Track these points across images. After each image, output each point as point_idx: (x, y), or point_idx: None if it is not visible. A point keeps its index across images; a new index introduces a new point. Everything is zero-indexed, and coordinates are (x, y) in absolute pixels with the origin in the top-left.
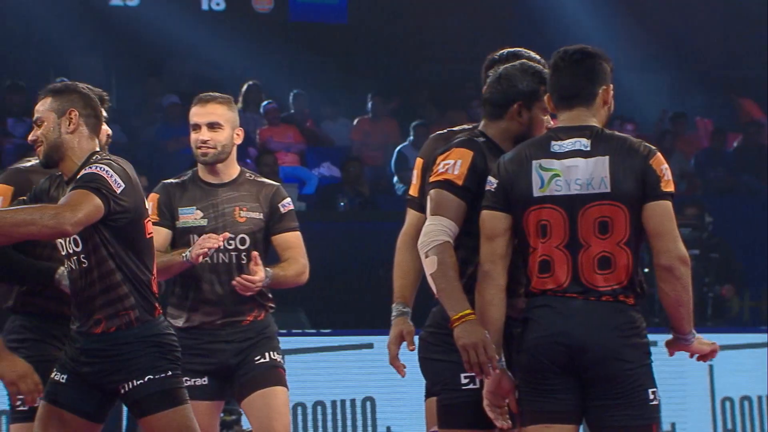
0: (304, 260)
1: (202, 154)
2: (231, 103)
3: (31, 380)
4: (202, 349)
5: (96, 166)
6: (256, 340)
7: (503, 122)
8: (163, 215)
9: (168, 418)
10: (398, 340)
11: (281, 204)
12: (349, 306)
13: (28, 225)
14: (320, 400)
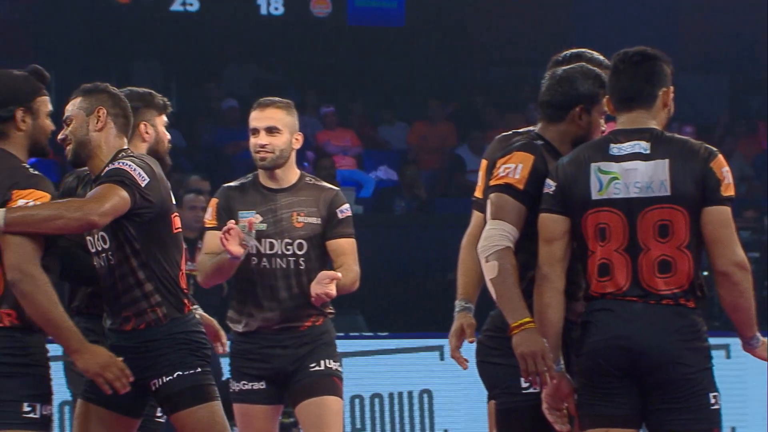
0: (357, 267)
1: (261, 159)
2: (290, 107)
3: (115, 368)
4: (259, 354)
5: (120, 161)
6: (313, 347)
7: (563, 125)
8: (221, 219)
9: (198, 414)
10: (459, 333)
11: (339, 209)
12: (406, 308)
13: (55, 219)
14: (377, 393)
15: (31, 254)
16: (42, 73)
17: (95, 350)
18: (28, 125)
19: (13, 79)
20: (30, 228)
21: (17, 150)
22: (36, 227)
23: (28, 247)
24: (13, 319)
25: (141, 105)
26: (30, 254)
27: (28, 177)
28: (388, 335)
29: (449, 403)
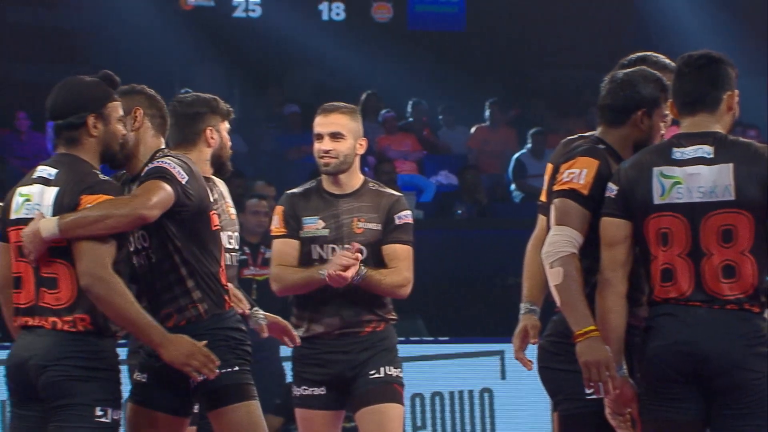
0: (408, 274)
1: (324, 164)
2: (354, 113)
3: (200, 354)
4: (319, 359)
5: (159, 160)
6: (374, 353)
7: (624, 129)
8: (290, 226)
9: (235, 412)
10: (523, 334)
11: (398, 215)
12: (466, 313)
13: (106, 218)
14: (438, 391)
15: (102, 258)
16: (113, 78)
17: (178, 341)
18: (99, 131)
19: (84, 86)
20: (83, 231)
21: (89, 156)
22: (89, 229)
23: (98, 251)
24: (87, 324)
25: (207, 110)
26: (101, 258)
27: (97, 182)
28: (449, 340)
29: (510, 407)
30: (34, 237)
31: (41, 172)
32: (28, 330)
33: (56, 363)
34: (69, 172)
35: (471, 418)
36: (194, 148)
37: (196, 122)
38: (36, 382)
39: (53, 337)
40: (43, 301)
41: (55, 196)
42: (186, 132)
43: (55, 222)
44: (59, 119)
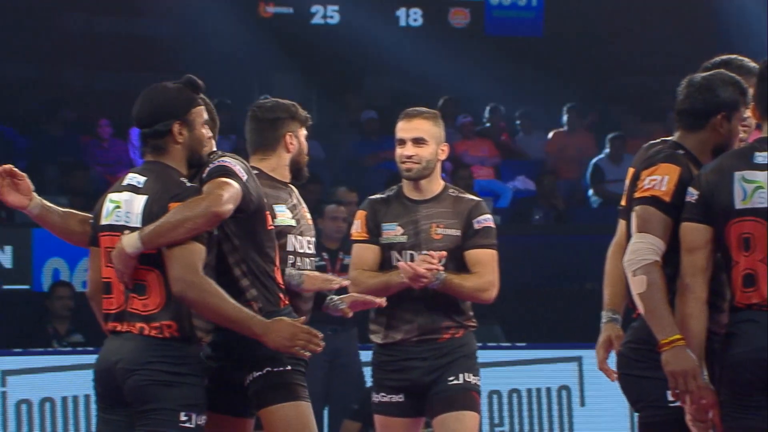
0: (491, 277)
1: (407, 170)
2: (437, 118)
3: (302, 333)
4: (397, 366)
5: (219, 159)
6: (452, 359)
7: (703, 133)
8: (372, 232)
9: (284, 411)
10: (606, 345)
11: (477, 220)
12: (543, 319)
13: (184, 223)
14: (515, 388)
15: (192, 263)
16: (196, 83)
17: (277, 327)
18: (185, 137)
19: (168, 93)
20: (165, 239)
21: (176, 163)
22: (169, 237)
23: (186, 256)
24: (173, 331)
25: (287, 116)
26: (190, 263)
27: (184, 190)
28: (526, 346)
29: (588, 414)
30: (120, 255)
31: (131, 179)
32: (116, 335)
33: (142, 367)
34: (156, 180)
35: (549, 416)
36: (273, 153)
37: (276, 128)
38: (122, 386)
39: (140, 342)
40: (131, 307)
41: (144, 205)
42: (265, 137)
43: (136, 236)
44: (145, 128)
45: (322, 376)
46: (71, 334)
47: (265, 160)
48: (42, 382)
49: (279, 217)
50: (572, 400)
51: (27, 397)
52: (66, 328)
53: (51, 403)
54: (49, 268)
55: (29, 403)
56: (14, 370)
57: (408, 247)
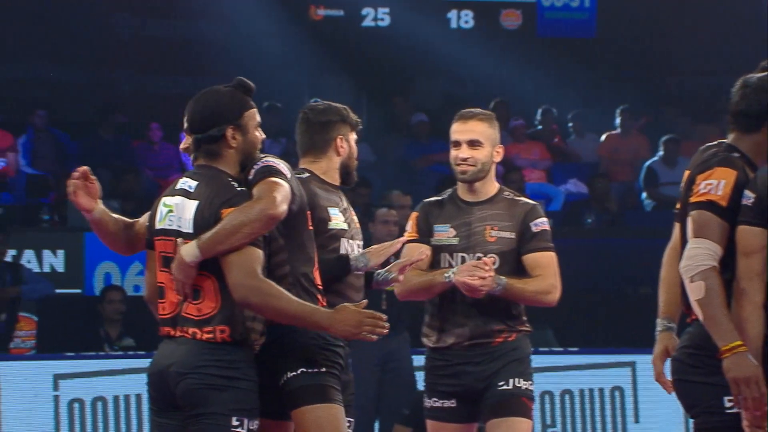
0: (553, 280)
1: (461, 172)
2: (492, 120)
3: (367, 319)
4: (450, 370)
5: (263, 160)
6: (504, 364)
7: (759, 135)
8: (422, 232)
9: (316, 413)
10: (663, 356)
11: (534, 223)
12: (596, 323)
13: (241, 228)
14: (568, 389)
15: (250, 267)
16: (247, 86)
17: (342, 316)
18: (238, 141)
19: (220, 98)
20: (223, 246)
21: (229, 167)
22: (227, 243)
23: (246, 263)
24: (226, 336)
25: (338, 119)
26: (250, 269)
27: (235, 195)
28: (579, 350)
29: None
30: (179, 266)
31: (183, 183)
32: (170, 339)
33: (194, 371)
34: (207, 185)
35: (602, 417)
36: (323, 156)
37: (327, 130)
38: (175, 389)
39: (192, 346)
40: (185, 312)
41: (195, 210)
42: (316, 139)
43: (194, 245)
44: (198, 133)
45: (373, 380)
46: (123, 338)
47: (315, 163)
48: (94, 386)
49: (333, 221)
50: (626, 404)
51: (79, 396)
52: (117, 332)
53: (103, 402)
54: (100, 272)
55: (81, 402)
56: (66, 374)
57: (459, 249)
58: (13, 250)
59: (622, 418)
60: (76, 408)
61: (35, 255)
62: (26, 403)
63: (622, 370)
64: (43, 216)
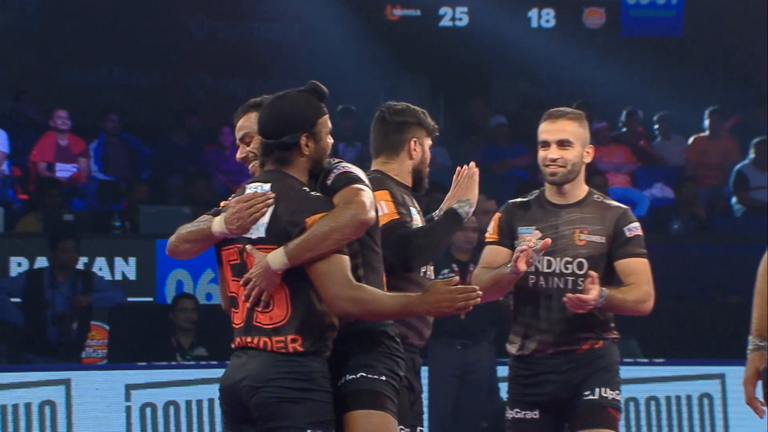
0: (648, 288)
1: (551, 174)
2: (582, 119)
3: (458, 294)
4: (533, 380)
5: (341, 166)
6: (590, 372)
7: None
8: (503, 234)
9: (368, 418)
10: (754, 379)
11: (627, 228)
12: (683, 333)
13: (331, 234)
14: (653, 396)
15: (345, 278)
16: (321, 90)
17: (434, 298)
18: (311, 149)
19: (295, 103)
20: (312, 253)
21: (299, 173)
22: (317, 250)
23: (339, 273)
24: (298, 346)
25: (414, 122)
26: (344, 279)
27: (315, 201)
28: (664, 362)
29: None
30: (265, 272)
31: (254, 187)
32: (242, 351)
33: (267, 384)
34: (281, 192)
35: (690, 425)
36: (396, 158)
37: (402, 131)
38: (248, 404)
39: (264, 358)
40: (256, 321)
41: (270, 215)
42: (390, 140)
43: (281, 252)
44: (270, 139)
45: (450, 392)
46: (195, 348)
47: (388, 164)
48: (166, 397)
49: (413, 221)
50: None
51: (152, 400)
52: (190, 341)
53: (175, 407)
54: (172, 280)
55: (153, 407)
56: (138, 384)
57: (546, 252)
58: (84, 257)
59: (711, 427)
60: (148, 413)
61: (107, 262)
62: (98, 413)
63: (710, 382)
64: (115, 223)
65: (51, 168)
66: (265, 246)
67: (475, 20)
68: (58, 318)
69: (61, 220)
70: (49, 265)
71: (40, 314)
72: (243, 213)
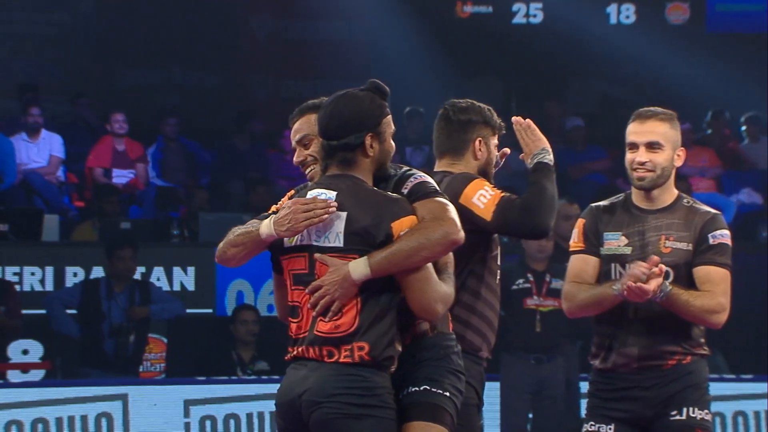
0: (723, 299)
1: (638, 178)
2: (673, 120)
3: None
4: (616, 394)
5: (416, 175)
6: (677, 390)
7: None
8: (590, 242)
9: (427, 431)
10: None
11: (712, 234)
12: None
13: (420, 251)
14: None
15: (436, 282)
16: (383, 90)
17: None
18: (375, 150)
19: (360, 103)
20: (397, 268)
21: (365, 176)
22: (402, 266)
23: (431, 278)
24: (364, 354)
25: (479, 120)
26: (435, 284)
27: (396, 203)
28: (753, 378)
29: None
30: (344, 282)
31: (318, 194)
32: (301, 362)
33: (329, 399)
34: (353, 195)
35: None
36: (462, 159)
37: (467, 131)
38: (307, 420)
39: (327, 371)
40: (318, 330)
41: (345, 223)
42: (454, 139)
43: (364, 263)
44: (334, 140)
45: (524, 409)
46: (256, 362)
47: (454, 165)
48: (226, 413)
49: None
50: None
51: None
52: (251, 354)
53: (235, 420)
54: (233, 291)
55: (213, 419)
56: (197, 399)
57: (632, 259)
58: (141, 267)
59: None
60: (208, 426)
61: (164, 272)
62: (156, 429)
63: None
64: (173, 231)
65: (107, 174)
66: (342, 255)
67: (551, 16)
68: (115, 330)
69: (117, 228)
70: (105, 275)
71: (96, 326)
72: (298, 215)
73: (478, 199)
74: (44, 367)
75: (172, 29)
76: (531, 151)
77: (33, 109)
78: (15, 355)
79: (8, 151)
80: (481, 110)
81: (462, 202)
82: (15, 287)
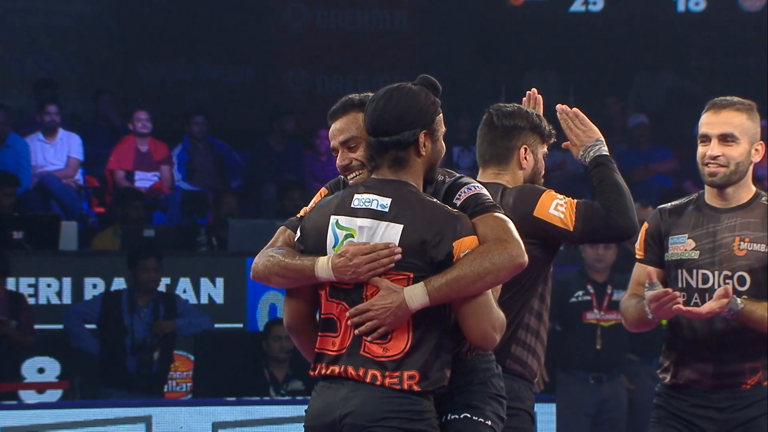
0: None
1: (710, 174)
2: (752, 110)
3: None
4: (684, 413)
5: (471, 185)
6: (756, 415)
7: None
8: (650, 249)
9: None
10: None
11: None
12: None
13: (485, 276)
14: None
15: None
16: (435, 85)
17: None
18: (428, 150)
19: (415, 96)
20: (458, 295)
21: (415, 179)
22: (464, 293)
23: (491, 304)
24: (414, 384)
25: (526, 126)
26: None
27: (457, 220)
28: None
29: None
30: (399, 310)
31: (368, 202)
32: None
33: (376, 424)
34: (410, 207)
35: None
36: (507, 168)
37: (512, 137)
38: None
39: (372, 392)
40: (366, 351)
41: (401, 236)
42: (498, 146)
43: (422, 290)
44: (385, 136)
45: (584, 431)
46: (290, 381)
47: (500, 176)
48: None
49: None
50: None
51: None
52: (284, 373)
53: None
54: (265, 304)
55: None
56: (227, 422)
57: (701, 265)
58: (166, 278)
59: None
60: None
61: (191, 284)
62: None
63: None
64: (200, 239)
65: (130, 177)
66: (395, 273)
67: (612, 4)
68: (138, 347)
69: (140, 236)
70: (127, 287)
71: (117, 343)
72: (361, 268)
73: (556, 209)
74: (61, 387)
75: (200, 20)
76: (583, 143)
77: (50, 107)
78: (30, 374)
79: (23, 153)
80: (529, 115)
81: (538, 215)
82: (27, 300)
